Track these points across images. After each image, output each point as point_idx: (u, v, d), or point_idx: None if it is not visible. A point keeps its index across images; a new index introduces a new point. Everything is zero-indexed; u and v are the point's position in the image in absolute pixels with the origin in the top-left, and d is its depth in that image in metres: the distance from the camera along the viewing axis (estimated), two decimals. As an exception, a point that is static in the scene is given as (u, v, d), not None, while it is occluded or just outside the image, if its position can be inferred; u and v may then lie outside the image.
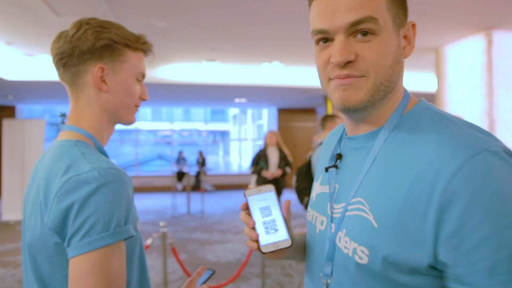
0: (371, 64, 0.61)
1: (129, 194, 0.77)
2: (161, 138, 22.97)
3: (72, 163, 0.76)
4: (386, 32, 0.61)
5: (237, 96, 9.28)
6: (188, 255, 4.93)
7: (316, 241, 0.74)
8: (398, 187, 0.58)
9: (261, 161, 5.16)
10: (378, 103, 0.64)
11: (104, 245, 0.70)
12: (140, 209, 8.36)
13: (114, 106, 0.89)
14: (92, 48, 0.84)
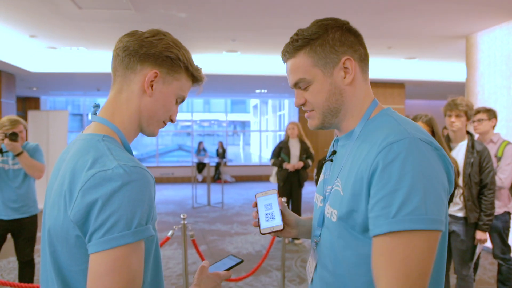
0: (313, 104, 0.93)
1: (151, 194, 0.78)
2: (181, 128, 23.16)
3: (99, 157, 0.77)
4: (317, 81, 0.90)
5: (258, 87, 9.20)
6: (208, 246, 4.94)
7: (316, 213, 1.02)
8: (355, 167, 0.85)
9: (282, 153, 5.08)
10: (334, 120, 0.94)
11: (125, 243, 0.70)
12: (160, 199, 8.47)
13: (149, 112, 0.92)
14: (158, 54, 0.89)
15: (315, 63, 0.89)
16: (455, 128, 2.68)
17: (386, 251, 0.75)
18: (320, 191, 1.02)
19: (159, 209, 7.35)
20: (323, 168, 1.06)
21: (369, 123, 0.91)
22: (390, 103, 8.87)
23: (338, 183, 0.89)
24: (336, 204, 0.87)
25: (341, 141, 0.97)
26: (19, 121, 2.96)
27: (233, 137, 25.56)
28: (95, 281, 0.69)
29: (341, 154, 0.95)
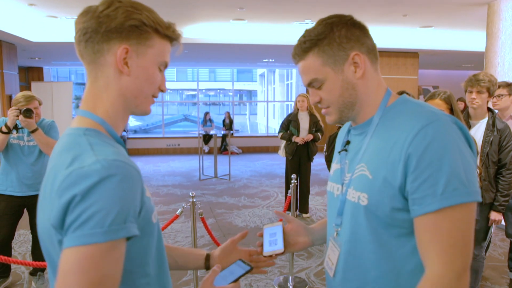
0: (328, 101, 0.95)
1: (134, 189, 0.72)
2: (187, 98, 22.96)
3: (78, 154, 0.72)
4: (329, 79, 0.93)
5: (265, 56, 8.95)
6: (216, 219, 4.94)
7: (333, 203, 1.03)
8: (384, 151, 0.87)
9: (291, 126, 4.97)
10: (351, 113, 0.97)
11: (94, 242, 0.65)
12: (167, 171, 8.47)
13: (133, 92, 0.83)
14: (120, 27, 0.79)
15: (325, 62, 0.91)
16: (475, 105, 2.54)
17: (431, 227, 0.80)
18: (336, 180, 1.03)
19: (166, 181, 7.36)
20: (337, 157, 1.06)
21: (388, 110, 0.93)
22: (402, 73, 8.63)
23: (363, 168, 0.91)
24: (366, 188, 0.89)
25: (357, 129, 0.99)
26: (34, 97, 2.88)
27: (239, 106, 25.37)
28: (60, 278, 0.66)
29: (358, 142, 0.98)
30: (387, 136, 0.89)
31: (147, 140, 11.53)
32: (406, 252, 0.87)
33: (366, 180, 0.89)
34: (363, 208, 0.89)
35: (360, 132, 0.98)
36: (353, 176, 0.94)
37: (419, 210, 0.81)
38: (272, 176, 7.90)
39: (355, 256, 0.93)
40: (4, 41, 6.51)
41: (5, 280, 3.10)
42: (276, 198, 5.98)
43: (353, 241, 0.93)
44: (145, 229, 0.78)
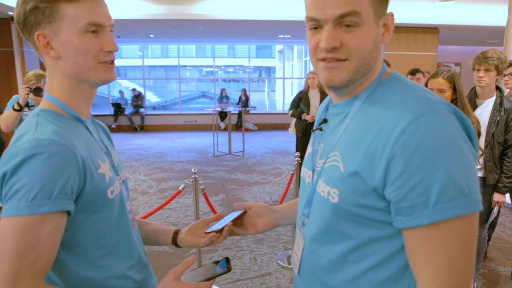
0: (353, 50, 0.73)
1: (63, 167, 0.74)
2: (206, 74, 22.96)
3: (23, 134, 0.77)
4: (367, 24, 0.73)
5: (280, 32, 8.83)
6: (227, 195, 5.06)
7: (304, 191, 0.91)
8: (363, 140, 0.72)
9: (302, 103, 4.95)
10: (357, 81, 0.78)
11: (17, 214, 0.70)
12: (183, 147, 8.63)
13: (72, 70, 0.82)
14: (24, 16, 0.79)
15: (372, 2, 0.72)
16: (483, 84, 2.48)
17: (425, 241, 0.66)
18: (308, 165, 0.89)
19: (181, 157, 7.52)
20: (311, 138, 0.93)
21: (377, 88, 0.78)
22: (421, 49, 8.36)
23: (336, 158, 0.76)
24: (337, 182, 0.75)
25: (338, 107, 0.83)
26: (43, 75, 3.00)
27: (258, 83, 25.22)
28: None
29: (335, 123, 0.82)
30: (369, 121, 0.73)
31: (165, 117, 11.71)
32: (379, 259, 0.74)
33: (338, 173, 0.75)
34: (332, 205, 0.75)
35: (339, 112, 0.82)
36: (325, 165, 0.80)
37: (407, 222, 0.66)
38: (285, 153, 7.94)
39: (319, 256, 0.81)
40: (23, 19, 6.69)
41: None
42: (288, 175, 6.04)
43: (319, 240, 0.81)
44: (98, 204, 0.82)
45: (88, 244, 0.83)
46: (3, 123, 2.98)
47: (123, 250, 0.90)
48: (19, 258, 0.69)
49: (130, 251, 0.92)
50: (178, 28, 7.87)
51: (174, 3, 6.23)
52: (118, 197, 0.88)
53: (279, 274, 3.04)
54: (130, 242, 0.92)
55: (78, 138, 0.82)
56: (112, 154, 0.96)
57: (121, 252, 0.89)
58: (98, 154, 0.86)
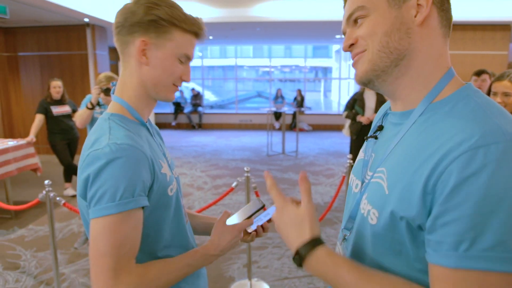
0: (366, 38, 0.70)
1: (138, 168, 0.82)
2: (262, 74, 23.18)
3: (99, 137, 0.85)
4: (377, 11, 0.68)
5: (338, 32, 8.71)
6: (279, 194, 5.13)
7: (350, 200, 0.85)
8: (412, 162, 0.63)
9: (356, 105, 4.88)
10: (389, 70, 0.70)
11: (109, 214, 0.79)
12: (238, 146, 8.85)
13: (151, 80, 0.92)
14: (140, 22, 0.88)
15: None
16: None
17: (449, 284, 0.57)
18: (357, 173, 0.83)
19: (235, 155, 7.73)
20: (364, 145, 0.86)
21: (439, 105, 0.66)
22: (490, 48, 7.77)
23: (381, 175, 0.69)
24: (377, 203, 0.68)
25: (393, 117, 0.75)
26: (113, 77, 3.29)
27: (314, 83, 24.97)
28: (92, 242, 0.81)
29: (390, 134, 0.75)
30: (423, 142, 0.63)
31: (222, 116, 12.07)
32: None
33: (381, 193, 0.67)
34: (370, 227, 0.69)
35: (396, 123, 0.74)
36: (371, 180, 0.73)
37: (433, 258, 0.59)
38: (339, 154, 7.84)
39: None
40: (96, 25, 7.28)
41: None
42: (340, 177, 5.98)
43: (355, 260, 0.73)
44: (161, 201, 0.90)
45: (151, 236, 0.91)
46: (78, 120, 3.33)
47: (179, 242, 0.99)
48: (117, 250, 0.79)
49: (186, 243, 1.01)
50: (237, 29, 8.10)
51: (233, 6, 6.43)
52: (175, 194, 0.97)
53: (327, 275, 3.05)
54: (185, 235, 1.01)
55: (143, 141, 0.90)
56: (166, 153, 1.04)
57: (178, 244, 0.99)
58: (159, 155, 0.95)
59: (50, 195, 2.42)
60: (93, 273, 0.80)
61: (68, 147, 4.90)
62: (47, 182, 2.43)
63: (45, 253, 3.42)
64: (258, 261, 3.27)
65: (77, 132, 4.99)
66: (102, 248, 0.79)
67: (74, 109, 4.91)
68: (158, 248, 0.94)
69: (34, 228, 3.99)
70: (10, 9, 5.47)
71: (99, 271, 0.79)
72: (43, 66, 7.44)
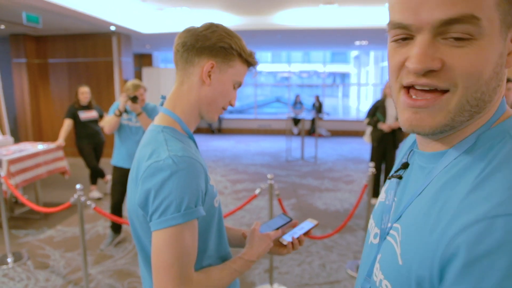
0: (461, 76, 0.48)
1: (198, 179, 0.86)
2: (280, 80, 23.24)
3: (155, 149, 0.88)
4: (490, 36, 0.47)
5: (357, 38, 8.71)
6: (298, 200, 5.17)
7: (367, 252, 0.71)
8: (433, 228, 0.49)
9: (378, 112, 4.89)
10: (458, 126, 0.53)
11: (176, 224, 0.82)
12: (257, 151, 8.92)
13: (208, 100, 0.99)
14: (212, 46, 0.96)
15: (500, 2, 0.47)
16: None
17: None
18: (377, 220, 0.69)
19: (255, 160, 7.79)
20: (385, 185, 0.71)
21: (480, 142, 0.52)
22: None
23: (395, 234, 0.57)
24: (390, 274, 0.56)
25: (421, 158, 0.61)
26: (139, 85, 3.40)
27: (332, 88, 24.86)
28: (157, 253, 0.83)
29: (415, 178, 0.61)
30: (449, 196, 0.50)
31: (241, 121, 12.17)
32: None
33: (394, 263, 0.55)
34: None
35: (423, 166, 0.60)
36: (387, 236, 0.61)
37: None
38: (358, 161, 7.82)
39: None
40: (122, 34, 7.50)
41: (118, 235, 3.78)
42: (360, 184, 5.96)
43: None
44: (209, 211, 0.94)
45: (198, 246, 0.94)
46: (106, 126, 3.47)
47: (221, 252, 1.03)
48: (182, 259, 0.83)
49: (226, 253, 1.05)
50: (257, 37, 8.20)
51: (255, 14, 6.53)
52: (219, 206, 1.01)
53: (348, 283, 3.07)
54: (225, 245, 1.05)
55: (196, 153, 0.94)
56: None
57: (219, 253, 1.02)
58: (206, 167, 0.97)
59: (81, 199, 2.53)
60: (160, 283, 0.82)
61: (94, 151, 5.07)
62: (79, 187, 2.54)
63: (73, 254, 3.55)
64: (279, 267, 3.31)
65: (103, 136, 5.16)
66: (168, 258, 0.82)
67: (101, 114, 5.08)
68: (204, 257, 0.97)
69: (62, 229, 4.14)
70: (42, 18, 5.72)
71: (168, 280, 0.82)
72: (71, 73, 7.72)
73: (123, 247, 3.70)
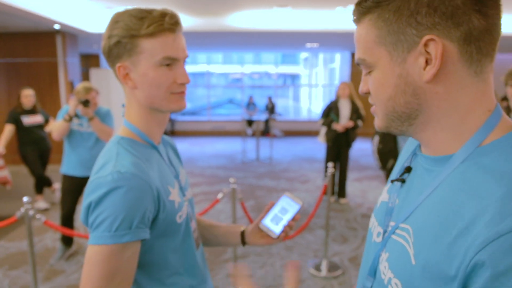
0: (373, 97, 0.64)
1: (141, 198, 0.80)
2: (232, 81, 23.23)
3: (105, 163, 0.83)
4: (379, 66, 0.61)
5: (308, 41, 8.93)
6: (256, 201, 5.19)
7: (369, 250, 0.74)
8: (446, 229, 0.52)
9: (332, 113, 5.04)
10: (406, 128, 0.63)
11: (102, 243, 0.77)
12: (212, 153, 8.84)
13: (146, 100, 0.88)
14: (108, 48, 0.85)
15: (381, 39, 0.58)
16: None
17: None
18: (380, 219, 0.72)
19: (210, 162, 7.71)
20: (389, 187, 0.74)
21: (483, 151, 0.55)
22: None
23: (406, 235, 0.60)
24: (401, 273, 0.58)
25: (427, 162, 0.63)
26: (91, 88, 3.22)
27: (283, 89, 25.28)
28: (86, 270, 0.79)
29: (420, 181, 0.64)
30: (461, 201, 0.53)
31: (194, 123, 12.00)
32: None
33: (406, 262, 0.57)
34: None
35: (429, 168, 0.63)
36: (392, 235, 0.63)
37: None
38: (312, 160, 8.01)
39: None
40: (67, 33, 7.08)
41: (69, 248, 3.56)
42: (315, 183, 6.12)
43: None
44: (168, 229, 0.89)
45: (157, 264, 0.90)
46: (55, 132, 3.24)
47: (188, 269, 0.96)
48: (106, 281, 0.77)
49: (195, 270, 0.99)
50: (211, 38, 8.12)
51: (208, 15, 6.46)
52: (184, 220, 0.94)
53: (311, 282, 3.13)
54: (194, 261, 0.99)
55: (152, 167, 0.87)
56: (180, 174, 1.02)
57: (187, 271, 0.96)
58: (168, 180, 0.92)
59: (29, 212, 2.33)
60: None
61: (40, 158, 4.74)
62: (26, 199, 2.34)
63: (18, 271, 3.28)
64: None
65: (50, 142, 4.83)
66: (93, 276, 0.77)
67: (47, 119, 4.76)
68: (165, 275, 0.92)
69: (5, 245, 3.82)
70: (-26, 14, 5.24)
71: None
72: (10, 74, 7.13)
73: (76, 260, 3.49)
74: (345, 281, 3.14)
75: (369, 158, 8.00)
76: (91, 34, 7.16)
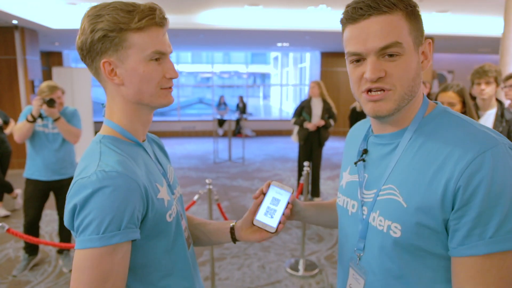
0: (397, 79, 0.76)
1: (129, 197, 0.76)
2: (201, 80, 22.99)
3: (88, 164, 0.79)
4: (409, 52, 0.76)
5: (279, 40, 8.94)
6: (230, 202, 5.12)
7: (349, 222, 0.90)
8: (423, 175, 0.74)
9: (304, 112, 5.05)
10: (402, 109, 0.80)
11: (91, 247, 0.73)
12: (183, 154, 8.68)
13: (135, 96, 0.84)
14: (91, 44, 0.80)
15: (411, 31, 0.76)
16: (485, 96, 2.60)
17: (478, 273, 0.68)
18: (352, 195, 0.90)
19: (182, 164, 7.56)
20: (350, 167, 0.93)
21: (425, 122, 0.80)
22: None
23: (393, 192, 0.78)
24: (398, 217, 0.76)
25: (384, 139, 0.85)
26: (56, 87, 3.03)
27: (253, 89, 25.31)
28: (74, 276, 0.75)
29: (380, 154, 0.85)
30: (426, 156, 0.75)
31: (164, 123, 11.75)
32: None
33: (399, 208, 0.76)
34: (394, 240, 0.76)
35: (387, 143, 0.84)
36: (378, 197, 0.81)
37: (461, 251, 0.69)
38: (285, 160, 8.03)
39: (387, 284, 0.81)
40: (26, 28, 6.70)
41: (34, 257, 3.34)
42: (289, 182, 6.12)
43: (383, 274, 0.80)
44: (158, 228, 0.85)
45: (149, 266, 0.86)
46: (16, 134, 3.02)
47: (180, 271, 0.93)
48: (99, 285, 0.73)
49: (187, 271, 0.95)
50: (180, 36, 7.95)
51: (178, 13, 6.32)
52: (175, 219, 0.90)
53: (289, 282, 3.10)
54: (186, 262, 0.95)
55: (138, 164, 0.84)
56: (168, 172, 0.98)
57: (179, 272, 0.92)
58: (156, 178, 0.88)
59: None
60: None
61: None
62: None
63: (-23, 284, 3.05)
64: (218, 273, 3.22)
65: (9, 145, 4.54)
66: (83, 282, 0.73)
67: (6, 120, 4.47)
68: (157, 277, 0.88)
69: (-39, 256, 3.55)
70: None
71: None
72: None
73: (42, 269, 3.28)
74: (322, 279, 3.14)
75: (341, 156, 8.11)
76: (52, 30, 6.82)
